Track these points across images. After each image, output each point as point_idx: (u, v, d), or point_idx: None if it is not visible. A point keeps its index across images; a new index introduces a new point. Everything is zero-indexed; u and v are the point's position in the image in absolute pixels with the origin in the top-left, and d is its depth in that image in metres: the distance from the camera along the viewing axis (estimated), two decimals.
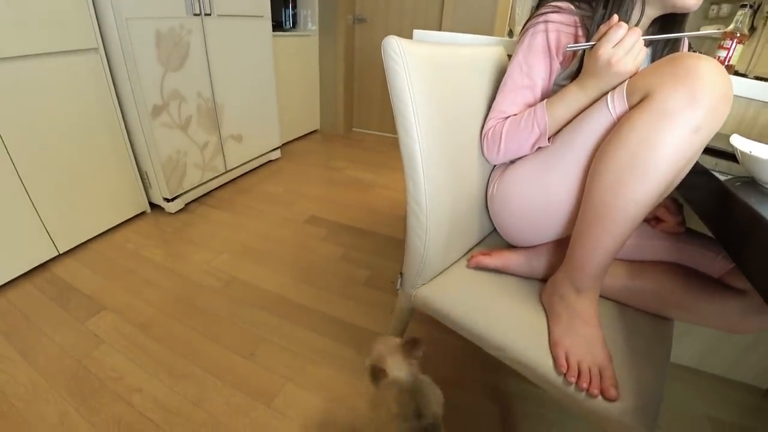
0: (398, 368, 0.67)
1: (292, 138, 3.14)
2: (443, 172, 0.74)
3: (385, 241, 1.77)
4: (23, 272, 1.52)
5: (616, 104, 0.62)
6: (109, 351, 1.20)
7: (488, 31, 2.59)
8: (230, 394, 1.07)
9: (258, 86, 2.38)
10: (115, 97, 1.69)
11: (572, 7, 0.75)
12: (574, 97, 0.70)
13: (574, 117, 0.71)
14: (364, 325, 1.31)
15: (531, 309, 0.75)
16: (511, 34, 2.86)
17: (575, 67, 0.75)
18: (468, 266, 0.86)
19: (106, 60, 1.62)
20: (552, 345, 0.66)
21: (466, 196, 0.83)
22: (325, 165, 2.68)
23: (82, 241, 1.72)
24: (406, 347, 0.70)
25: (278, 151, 2.74)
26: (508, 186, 0.82)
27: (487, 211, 0.91)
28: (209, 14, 1.91)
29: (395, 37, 0.64)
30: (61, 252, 1.63)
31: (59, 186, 1.56)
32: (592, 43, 0.65)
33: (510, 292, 0.79)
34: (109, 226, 1.83)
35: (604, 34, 0.63)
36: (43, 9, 1.38)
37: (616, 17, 0.64)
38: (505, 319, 0.72)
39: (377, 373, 0.68)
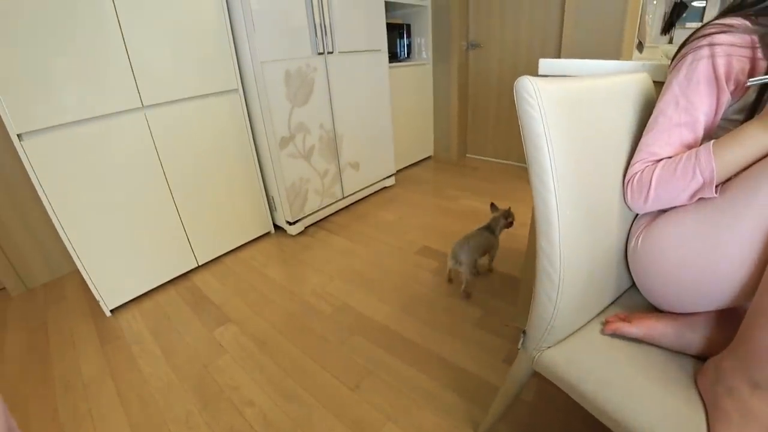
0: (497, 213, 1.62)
1: (406, 165, 3.19)
2: (581, 224, 0.64)
3: (500, 279, 1.65)
4: (170, 279, 1.77)
5: None
6: (230, 362, 1.31)
7: (615, 49, 2.32)
8: (333, 424, 1.07)
9: (375, 116, 2.48)
10: (250, 131, 1.91)
11: (747, 23, 0.60)
12: (754, 139, 0.55)
13: (753, 163, 0.56)
14: (471, 369, 1.22)
15: (681, 394, 0.60)
16: (641, 46, 2.55)
17: (752, 98, 0.61)
18: (603, 333, 0.73)
19: (243, 99, 1.85)
20: None
21: (603, 250, 0.71)
22: (438, 193, 2.66)
23: (217, 255, 1.94)
24: (505, 213, 1.60)
25: (392, 177, 2.80)
26: (658, 240, 0.67)
27: (626, 264, 0.78)
28: (332, 52, 2.05)
29: (529, 77, 0.58)
30: (199, 264, 1.86)
31: (202, 206, 1.80)
32: None
33: (654, 368, 0.64)
34: (239, 244, 2.03)
35: None
36: (197, 58, 1.63)
37: None
38: (649, 406, 0.59)
39: (492, 207, 1.66)
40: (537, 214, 0.62)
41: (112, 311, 1.59)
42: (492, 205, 1.65)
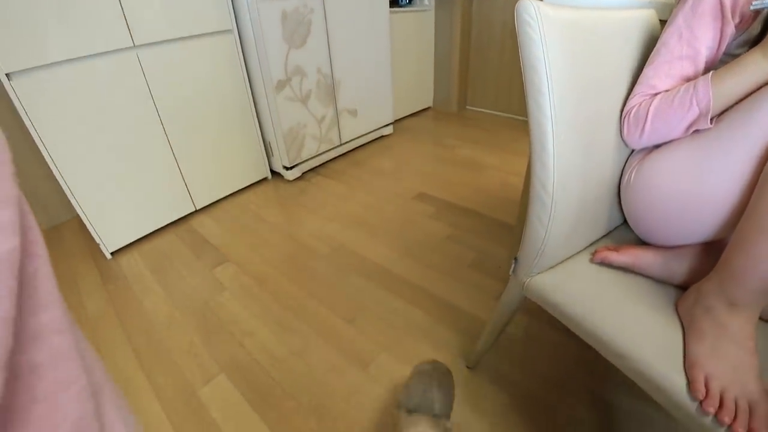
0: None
1: (405, 114, 3.13)
2: (575, 153, 0.65)
3: (495, 225, 1.67)
4: (169, 222, 1.79)
5: None
6: (230, 298, 1.35)
7: None
8: (329, 353, 1.12)
9: (374, 62, 2.41)
10: (245, 73, 1.86)
11: None
12: (755, 68, 0.55)
13: (750, 94, 0.56)
14: (465, 307, 1.26)
15: (663, 317, 0.63)
16: None
17: (757, 31, 0.59)
18: (592, 261, 0.75)
19: (238, 40, 1.78)
20: (688, 365, 0.55)
21: (596, 182, 0.72)
22: (436, 143, 2.63)
23: (214, 200, 1.95)
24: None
25: (390, 126, 2.76)
26: (651, 175, 0.68)
27: (619, 201, 0.79)
28: None
29: (532, 0, 0.57)
30: (197, 208, 1.88)
31: (198, 151, 1.79)
32: None
33: (638, 294, 0.67)
34: (236, 189, 2.04)
35: None
36: None
37: None
38: (630, 325, 0.62)
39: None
40: (532, 138, 0.63)
41: (112, 254, 1.62)
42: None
